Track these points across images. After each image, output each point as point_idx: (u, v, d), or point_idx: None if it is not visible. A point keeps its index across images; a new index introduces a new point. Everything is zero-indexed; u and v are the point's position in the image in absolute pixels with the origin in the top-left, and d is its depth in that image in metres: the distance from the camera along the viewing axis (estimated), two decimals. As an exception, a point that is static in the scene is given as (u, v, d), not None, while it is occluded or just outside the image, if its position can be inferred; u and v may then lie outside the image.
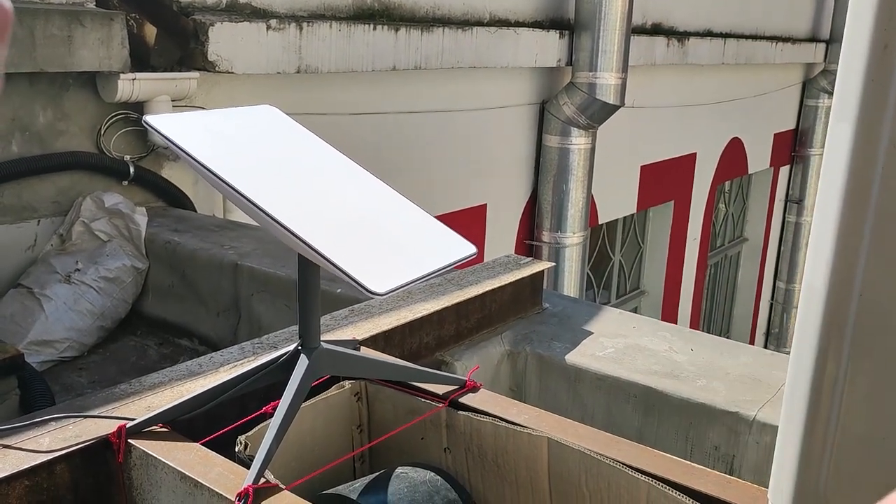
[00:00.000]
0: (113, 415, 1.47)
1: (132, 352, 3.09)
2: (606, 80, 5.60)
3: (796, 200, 10.84)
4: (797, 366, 0.85)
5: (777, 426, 1.92)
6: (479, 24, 5.00)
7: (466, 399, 1.58)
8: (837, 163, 0.84)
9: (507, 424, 1.50)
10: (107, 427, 1.42)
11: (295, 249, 1.28)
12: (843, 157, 0.82)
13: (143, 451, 1.36)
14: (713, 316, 10.36)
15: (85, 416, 1.46)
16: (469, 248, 1.39)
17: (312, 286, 1.38)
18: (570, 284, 6.05)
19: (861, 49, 0.76)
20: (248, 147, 1.41)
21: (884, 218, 0.80)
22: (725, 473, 1.38)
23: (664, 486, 1.31)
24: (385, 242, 1.33)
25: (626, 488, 1.36)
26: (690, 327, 6.32)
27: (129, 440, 1.39)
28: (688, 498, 1.29)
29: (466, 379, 1.62)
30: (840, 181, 0.83)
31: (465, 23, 4.88)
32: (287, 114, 1.55)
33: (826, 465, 0.80)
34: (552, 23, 5.68)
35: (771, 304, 11.31)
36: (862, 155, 0.81)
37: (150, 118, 1.34)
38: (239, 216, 3.78)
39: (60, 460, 1.36)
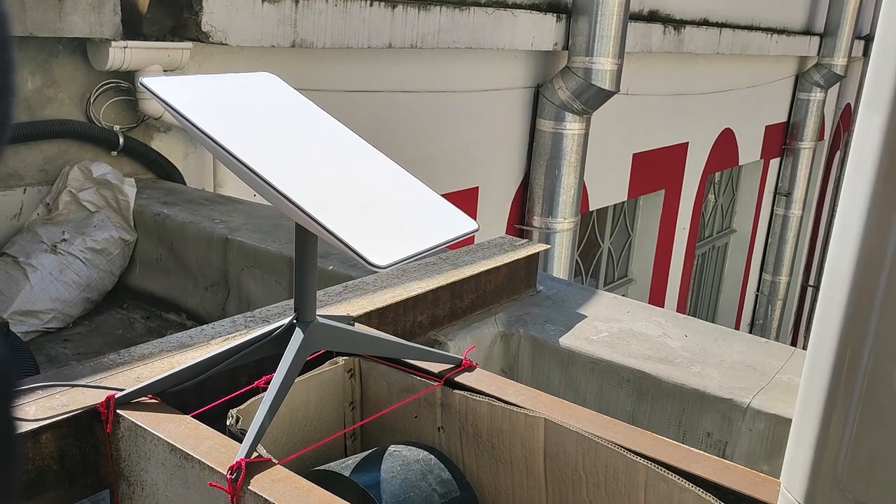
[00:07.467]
0: (101, 385, 1.43)
1: (118, 324, 3.05)
2: (602, 66, 5.56)
3: (785, 193, 10.87)
4: (818, 348, 0.83)
5: (772, 414, 1.92)
6: (477, 4, 4.94)
7: (462, 378, 1.55)
8: (868, 151, 0.82)
9: (503, 404, 1.48)
10: (95, 397, 1.39)
11: (293, 219, 1.25)
12: (875, 145, 0.80)
13: (132, 422, 1.33)
14: (699, 306, 10.40)
15: (72, 386, 1.43)
16: (471, 224, 1.36)
17: (310, 258, 1.35)
18: (560, 270, 6.03)
19: None
20: (247, 113, 1.37)
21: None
22: (723, 459, 1.36)
23: (662, 469, 1.30)
24: (386, 215, 1.30)
25: (624, 471, 1.34)
26: (678, 316, 6.32)
27: (118, 410, 1.36)
28: (686, 482, 1.27)
29: (462, 358, 1.60)
30: (870, 170, 0.81)
31: (462, 2, 4.82)
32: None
33: (845, 448, 0.78)
34: (549, 6, 5.63)
35: (756, 296, 11.37)
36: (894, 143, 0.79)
37: (146, 80, 1.29)
38: (229, 190, 3.73)
39: (46, 429, 1.33)
